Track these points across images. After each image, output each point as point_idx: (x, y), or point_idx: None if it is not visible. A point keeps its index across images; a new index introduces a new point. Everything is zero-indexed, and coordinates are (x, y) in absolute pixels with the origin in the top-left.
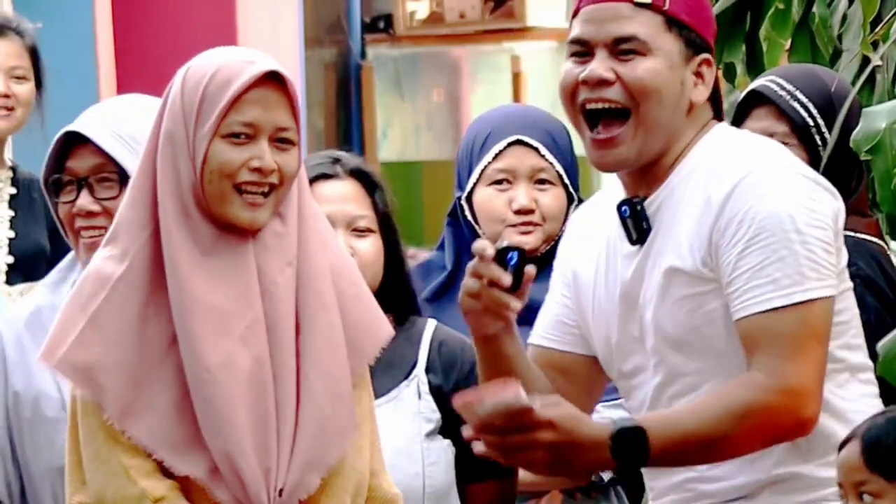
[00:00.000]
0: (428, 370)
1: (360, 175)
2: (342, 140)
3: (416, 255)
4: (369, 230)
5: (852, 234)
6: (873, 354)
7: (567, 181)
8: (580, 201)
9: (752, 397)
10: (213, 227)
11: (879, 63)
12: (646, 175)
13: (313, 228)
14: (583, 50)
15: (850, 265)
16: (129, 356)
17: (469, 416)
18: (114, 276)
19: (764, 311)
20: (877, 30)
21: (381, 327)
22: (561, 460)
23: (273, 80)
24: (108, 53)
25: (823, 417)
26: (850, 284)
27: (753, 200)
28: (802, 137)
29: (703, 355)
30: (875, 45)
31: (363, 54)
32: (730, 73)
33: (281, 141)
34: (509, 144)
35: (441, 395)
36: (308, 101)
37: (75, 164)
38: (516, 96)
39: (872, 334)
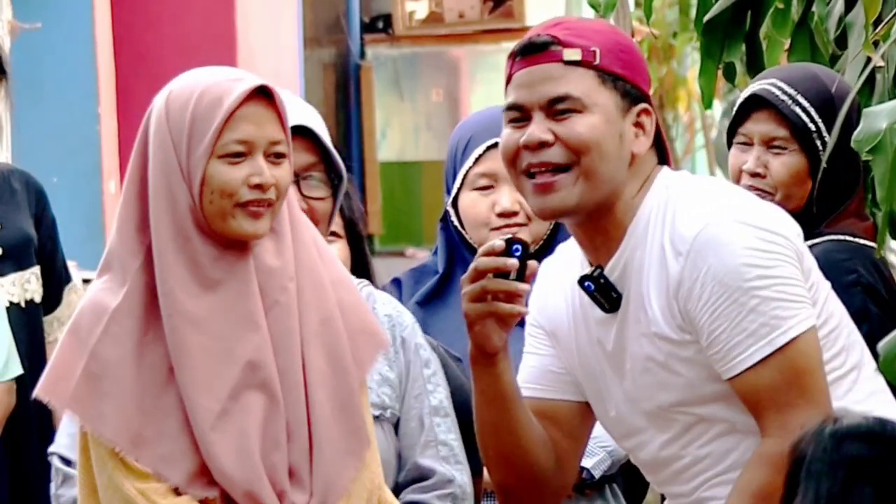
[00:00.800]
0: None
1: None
2: (341, 140)
3: (414, 255)
4: (337, 235)
5: (851, 238)
6: (874, 356)
7: None
8: None
9: (769, 475)
10: (213, 247)
11: (882, 63)
12: (600, 238)
13: (308, 241)
14: (520, 115)
15: (850, 272)
16: (133, 386)
17: None
18: (110, 307)
19: (752, 366)
20: (877, 30)
21: (380, 334)
22: None
23: (261, 94)
24: (108, 53)
25: None
26: (828, 285)
27: (708, 262)
28: (803, 142)
29: (713, 403)
30: (876, 45)
31: (362, 54)
32: (730, 73)
33: (275, 155)
34: (489, 148)
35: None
36: (307, 101)
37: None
38: None
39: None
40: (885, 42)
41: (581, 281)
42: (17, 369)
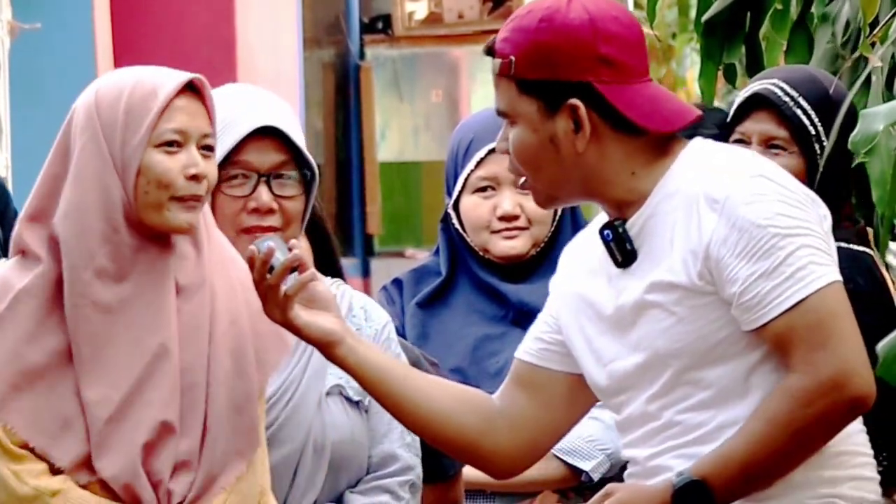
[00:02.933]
0: None
1: None
2: (341, 140)
3: (414, 256)
4: None
5: (846, 245)
6: (873, 357)
7: None
8: None
9: (791, 406)
10: (137, 239)
11: (879, 64)
12: (621, 203)
13: (220, 242)
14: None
15: (847, 281)
16: (26, 366)
17: None
18: (16, 287)
19: (789, 309)
20: (875, 31)
21: (286, 339)
22: None
23: (190, 89)
24: (107, 53)
25: None
26: None
27: (742, 209)
28: (802, 145)
29: (704, 364)
30: (873, 47)
31: (362, 55)
32: (730, 75)
33: (205, 148)
34: (490, 151)
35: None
36: (306, 102)
37: (255, 159)
38: None
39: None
40: (883, 44)
41: (602, 229)
42: None
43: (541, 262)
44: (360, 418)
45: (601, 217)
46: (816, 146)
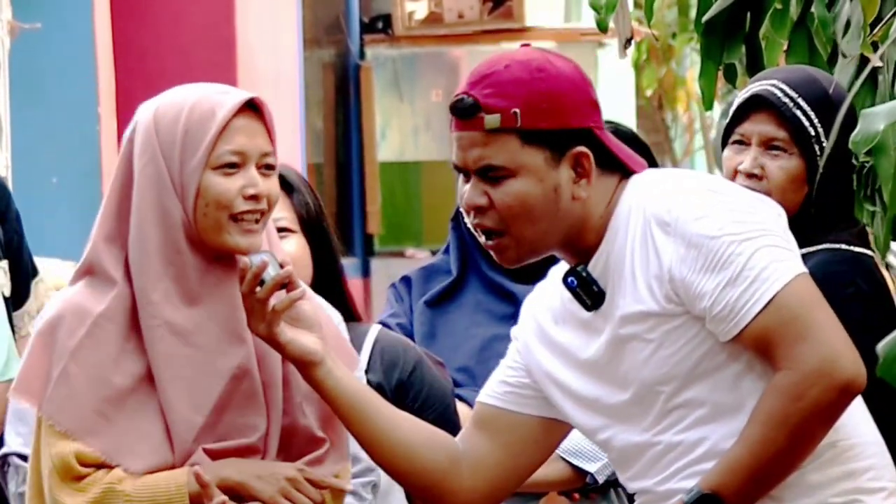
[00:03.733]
0: (368, 370)
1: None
2: (341, 140)
3: (414, 256)
4: (289, 230)
5: (846, 247)
6: (873, 356)
7: None
8: None
9: (782, 402)
10: (202, 260)
11: (879, 64)
12: (577, 248)
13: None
14: (464, 172)
15: (847, 285)
16: (109, 390)
17: None
18: (94, 312)
19: (761, 310)
20: (875, 30)
21: (353, 355)
22: None
23: (249, 107)
24: (107, 53)
25: None
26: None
27: (690, 225)
28: (802, 146)
29: (691, 383)
30: (875, 46)
31: (362, 54)
32: (731, 75)
33: (265, 167)
34: None
35: (382, 393)
36: (307, 102)
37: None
38: None
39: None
40: (884, 43)
41: (565, 277)
42: (18, 368)
43: (550, 261)
44: None
45: (559, 267)
46: (816, 147)
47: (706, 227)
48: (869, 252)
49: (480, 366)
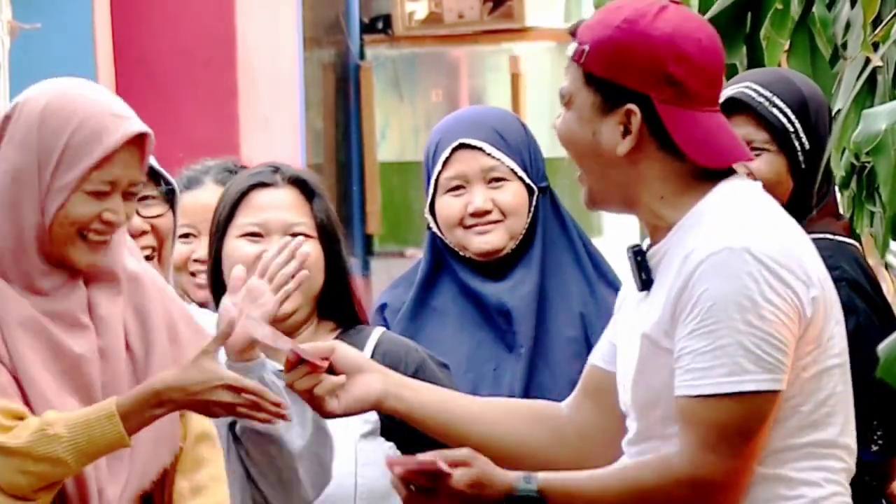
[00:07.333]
0: None
1: (298, 183)
2: (341, 140)
3: (414, 256)
4: (306, 235)
5: (831, 236)
6: (873, 356)
7: (522, 174)
8: (544, 191)
9: (658, 483)
10: (45, 264)
11: (880, 64)
12: (649, 226)
13: (145, 273)
14: None
15: (833, 268)
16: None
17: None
18: None
19: (694, 396)
20: (877, 31)
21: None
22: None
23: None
24: (107, 53)
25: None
26: (837, 362)
27: (711, 281)
28: (782, 144)
29: (669, 422)
30: (875, 46)
31: (362, 55)
32: (731, 74)
33: (130, 194)
34: (455, 150)
35: None
36: (307, 102)
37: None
38: (515, 97)
39: (863, 336)
40: (885, 43)
41: (630, 248)
42: None
43: (521, 255)
44: None
45: (613, 237)
46: (796, 143)
47: (718, 290)
48: (854, 242)
49: (470, 373)
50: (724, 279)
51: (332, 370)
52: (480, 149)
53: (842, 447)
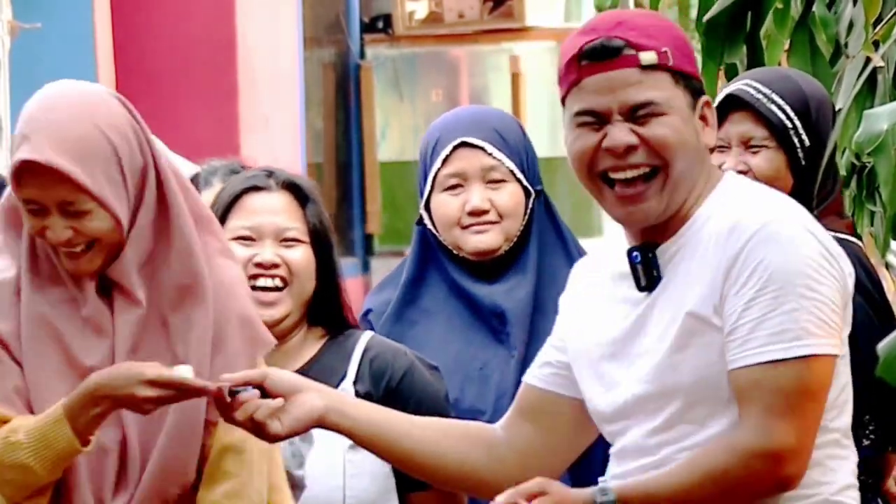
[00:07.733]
0: (356, 381)
1: (292, 188)
2: (341, 140)
3: None
4: (298, 240)
5: (833, 233)
6: (872, 354)
7: (520, 176)
8: (539, 194)
9: (729, 461)
10: (62, 271)
11: (881, 63)
12: (658, 226)
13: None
14: (594, 120)
15: None
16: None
17: None
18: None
19: (761, 364)
20: (877, 30)
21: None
22: None
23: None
24: (107, 53)
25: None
26: (845, 351)
27: (767, 251)
28: (781, 140)
29: (709, 403)
30: (876, 46)
31: (362, 54)
32: (731, 74)
33: (67, 212)
34: (455, 148)
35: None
36: (307, 102)
37: None
38: (515, 97)
39: (861, 333)
40: (885, 42)
41: (630, 251)
42: None
43: (515, 257)
44: None
45: (612, 239)
46: (795, 139)
47: (775, 259)
48: (856, 241)
49: (457, 374)
50: (782, 248)
51: (268, 395)
52: (482, 148)
53: (850, 438)
